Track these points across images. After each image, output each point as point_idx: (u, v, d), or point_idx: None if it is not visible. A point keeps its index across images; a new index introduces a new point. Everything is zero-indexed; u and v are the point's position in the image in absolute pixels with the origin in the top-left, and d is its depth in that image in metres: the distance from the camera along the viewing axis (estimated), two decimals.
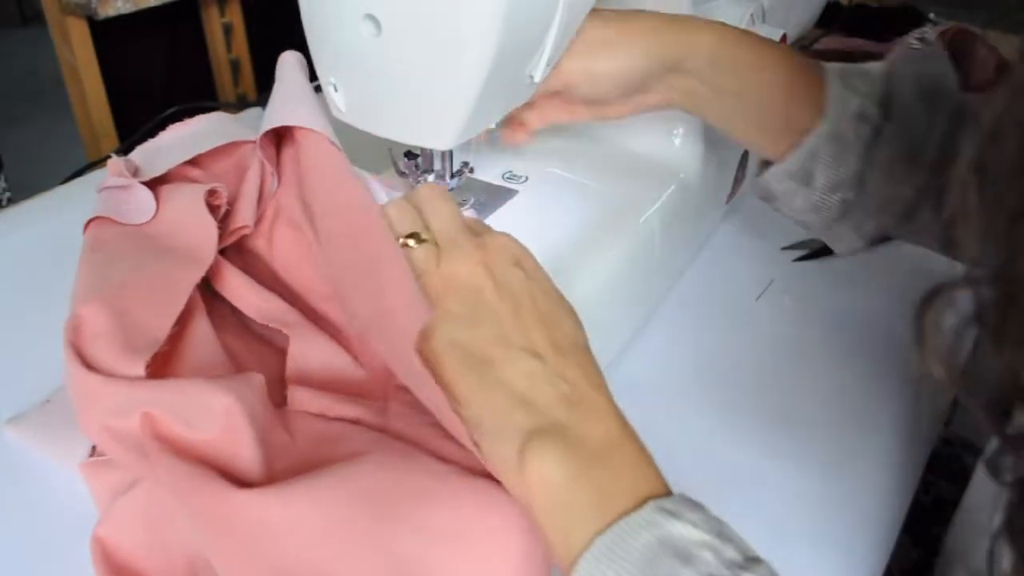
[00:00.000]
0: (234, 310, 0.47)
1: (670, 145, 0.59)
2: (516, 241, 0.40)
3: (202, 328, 0.43)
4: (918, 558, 0.60)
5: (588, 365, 0.36)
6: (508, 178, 0.56)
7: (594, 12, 0.47)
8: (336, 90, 0.46)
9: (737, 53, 0.48)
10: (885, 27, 1.05)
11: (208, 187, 0.47)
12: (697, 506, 0.32)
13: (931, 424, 0.51)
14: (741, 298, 0.61)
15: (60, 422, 0.44)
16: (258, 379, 0.39)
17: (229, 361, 0.43)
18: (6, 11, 2.90)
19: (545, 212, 0.53)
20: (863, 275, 0.64)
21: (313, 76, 0.47)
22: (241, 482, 0.35)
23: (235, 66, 1.23)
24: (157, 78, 1.23)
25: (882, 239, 0.52)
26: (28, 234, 0.62)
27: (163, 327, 0.40)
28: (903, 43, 0.81)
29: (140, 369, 0.37)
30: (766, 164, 0.53)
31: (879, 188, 0.48)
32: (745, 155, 0.69)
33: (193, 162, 0.51)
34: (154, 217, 0.47)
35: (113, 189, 0.49)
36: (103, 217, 0.47)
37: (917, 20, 1.07)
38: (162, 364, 0.39)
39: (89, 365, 0.38)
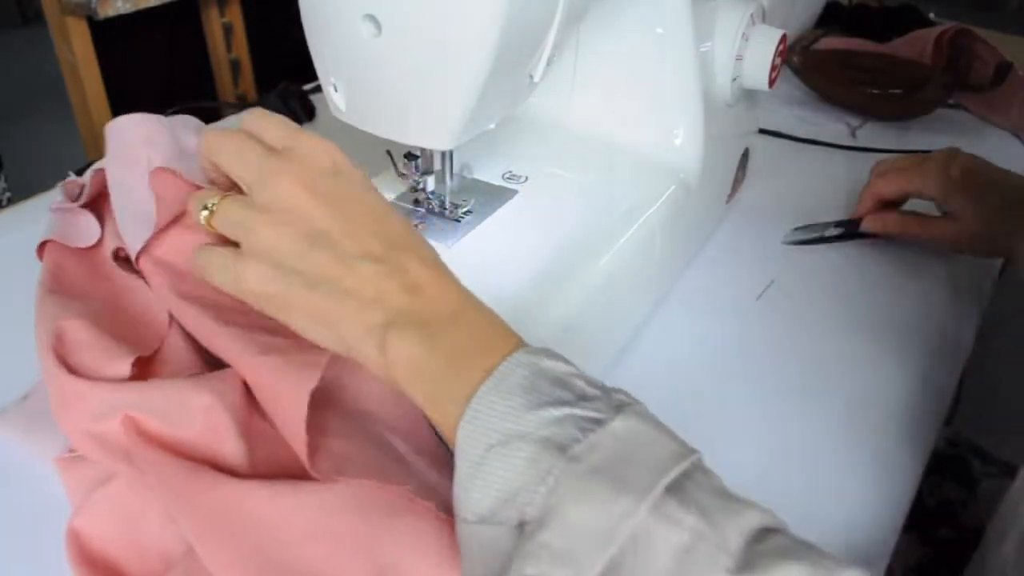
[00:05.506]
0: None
1: (670, 145, 0.59)
2: (324, 142, 0.39)
3: (175, 336, 0.43)
4: (924, 557, 0.61)
5: (422, 248, 0.37)
6: (508, 178, 0.56)
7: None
8: (336, 90, 0.46)
9: None
10: (885, 27, 1.05)
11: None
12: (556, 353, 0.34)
13: (932, 422, 0.51)
14: (741, 298, 0.61)
15: (40, 417, 0.44)
16: (232, 373, 0.40)
17: (204, 363, 0.43)
18: (6, 11, 2.90)
19: (545, 212, 0.53)
20: (863, 274, 0.64)
21: (313, 76, 0.47)
22: (227, 474, 0.36)
23: (235, 66, 1.23)
24: (157, 78, 1.23)
25: None
26: (28, 234, 0.62)
27: (141, 345, 0.41)
28: None
29: (126, 369, 0.39)
30: None
31: None
32: (745, 155, 0.69)
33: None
34: (100, 241, 0.47)
35: (62, 211, 0.50)
36: (54, 242, 0.48)
37: (917, 20, 1.07)
38: (143, 369, 0.40)
39: (72, 370, 0.39)
